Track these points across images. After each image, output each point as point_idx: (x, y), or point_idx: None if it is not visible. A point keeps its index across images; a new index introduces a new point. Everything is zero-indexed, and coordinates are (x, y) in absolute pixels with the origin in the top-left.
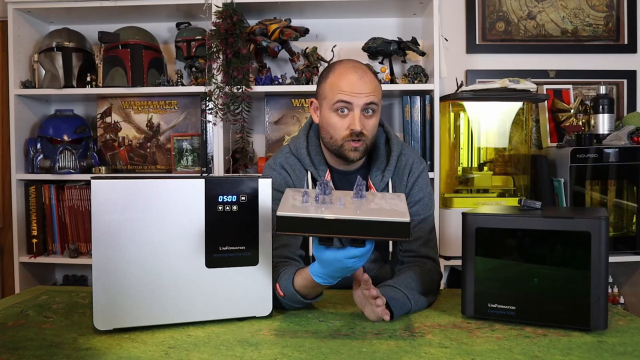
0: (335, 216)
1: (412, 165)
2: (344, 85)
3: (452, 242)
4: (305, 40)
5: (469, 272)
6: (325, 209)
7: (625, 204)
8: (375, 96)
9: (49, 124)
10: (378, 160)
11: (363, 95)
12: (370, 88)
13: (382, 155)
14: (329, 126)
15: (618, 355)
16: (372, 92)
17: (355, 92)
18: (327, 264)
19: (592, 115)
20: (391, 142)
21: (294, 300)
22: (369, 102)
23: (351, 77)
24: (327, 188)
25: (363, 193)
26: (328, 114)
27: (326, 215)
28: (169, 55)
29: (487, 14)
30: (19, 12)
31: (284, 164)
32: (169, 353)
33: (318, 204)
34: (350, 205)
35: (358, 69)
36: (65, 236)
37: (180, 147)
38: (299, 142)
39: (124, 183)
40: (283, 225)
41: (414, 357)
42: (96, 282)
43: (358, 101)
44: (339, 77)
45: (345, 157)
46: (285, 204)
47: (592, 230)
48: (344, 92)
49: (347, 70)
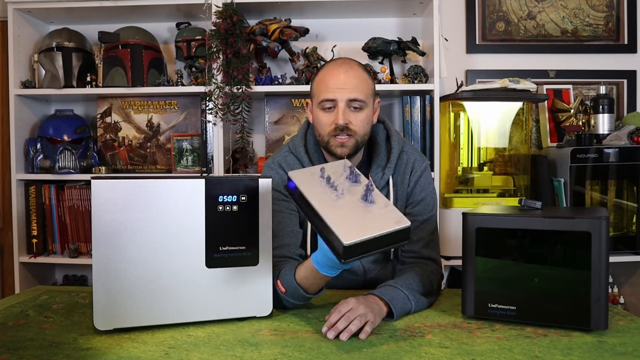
0: (317, 209)
1: (414, 163)
2: (329, 82)
3: (452, 242)
4: (305, 40)
5: (469, 272)
6: (323, 196)
7: (625, 204)
8: (360, 92)
9: (49, 124)
10: (378, 158)
11: (346, 90)
12: (355, 83)
13: (382, 152)
14: (317, 123)
15: (618, 355)
16: (356, 87)
17: (339, 87)
18: (327, 250)
19: (592, 115)
20: (392, 139)
21: (296, 295)
22: (353, 98)
23: (335, 73)
24: (357, 177)
25: (371, 197)
26: (316, 111)
27: (315, 205)
28: (169, 55)
29: (487, 14)
30: (19, 12)
31: (282, 162)
32: (169, 353)
33: (329, 186)
34: (354, 214)
35: (344, 64)
36: (65, 236)
37: (180, 147)
38: (297, 141)
39: (124, 183)
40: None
41: (414, 357)
42: (96, 282)
43: (341, 96)
44: (325, 74)
45: (333, 153)
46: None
47: (592, 230)
48: (329, 89)
49: (333, 67)
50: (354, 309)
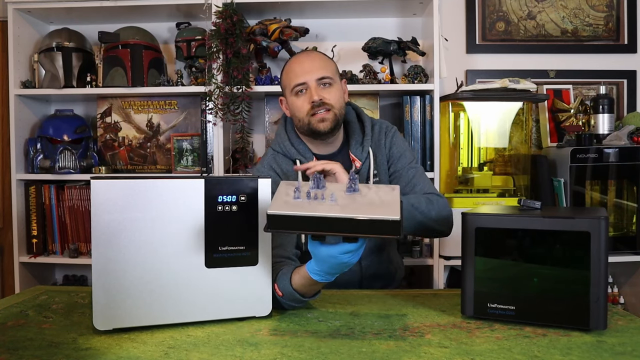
0: (324, 214)
1: (386, 129)
2: (296, 68)
3: (452, 242)
4: (305, 40)
5: (468, 272)
6: (316, 206)
7: (625, 204)
8: (326, 70)
9: (49, 124)
10: (355, 134)
11: (313, 72)
12: (320, 64)
13: (357, 129)
14: (294, 110)
15: (618, 355)
16: (321, 67)
17: (306, 71)
18: (322, 260)
19: (592, 115)
20: (362, 116)
21: (293, 299)
22: (322, 77)
23: (299, 61)
24: (320, 182)
25: (356, 187)
26: (291, 100)
27: (315, 214)
28: (169, 55)
29: (487, 14)
30: (19, 12)
31: (272, 163)
32: (168, 353)
33: (309, 199)
34: (342, 201)
35: (306, 53)
36: (65, 236)
37: (180, 147)
38: (280, 138)
39: (124, 183)
40: (274, 224)
41: (413, 357)
42: (96, 282)
43: (310, 77)
44: (290, 64)
45: (316, 130)
46: (277, 201)
47: (592, 230)
48: (297, 75)
49: (296, 57)
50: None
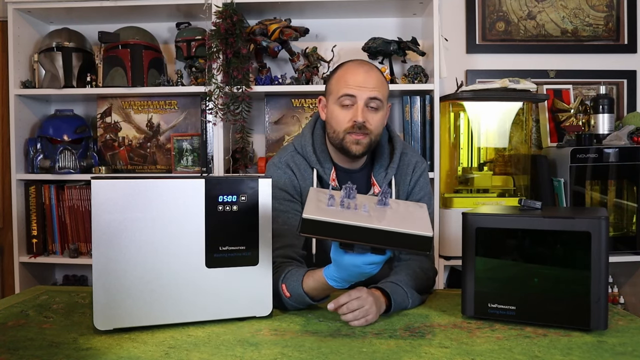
0: (362, 224)
1: (416, 164)
2: (349, 79)
3: (452, 242)
4: (305, 40)
5: (469, 272)
6: (349, 215)
7: (625, 204)
8: (379, 92)
9: (49, 124)
10: (381, 158)
11: (367, 89)
12: (375, 83)
13: (385, 153)
14: (332, 119)
15: (618, 355)
16: (376, 87)
17: (360, 85)
18: (344, 268)
19: (592, 115)
20: (394, 140)
21: (300, 301)
22: (373, 97)
23: (357, 72)
24: (352, 192)
25: (387, 201)
26: (333, 107)
27: (350, 222)
28: (169, 55)
29: (487, 14)
30: (19, 12)
31: (290, 162)
32: (169, 353)
33: (343, 208)
34: (375, 212)
35: (365, 64)
36: (65, 236)
37: (180, 147)
38: (304, 140)
39: (124, 183)
40: (307, 228)
41: (414, 357)
42: (96, 282)
43: (362, 94)
44: (346, 71)
45: (348, 150)
46: (311, 206)
47: (592, 230)
48: (349, 86)
49: (354, 66)
50: (363, 298)
